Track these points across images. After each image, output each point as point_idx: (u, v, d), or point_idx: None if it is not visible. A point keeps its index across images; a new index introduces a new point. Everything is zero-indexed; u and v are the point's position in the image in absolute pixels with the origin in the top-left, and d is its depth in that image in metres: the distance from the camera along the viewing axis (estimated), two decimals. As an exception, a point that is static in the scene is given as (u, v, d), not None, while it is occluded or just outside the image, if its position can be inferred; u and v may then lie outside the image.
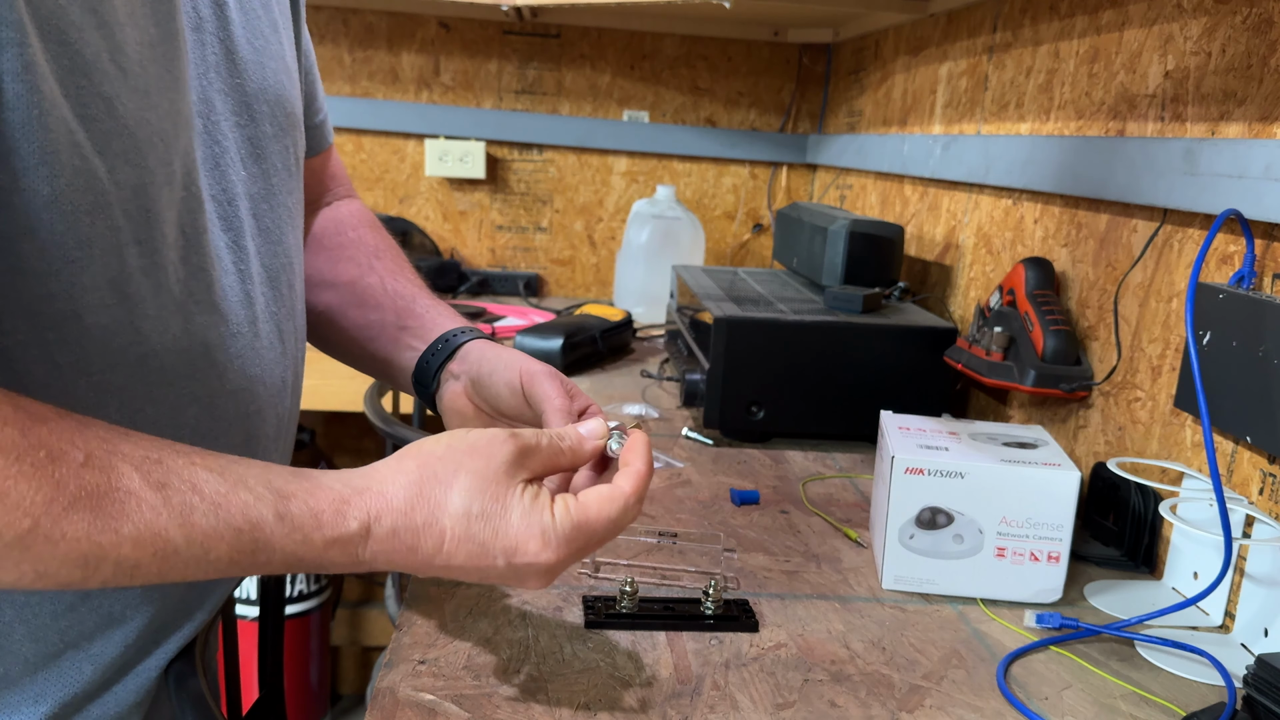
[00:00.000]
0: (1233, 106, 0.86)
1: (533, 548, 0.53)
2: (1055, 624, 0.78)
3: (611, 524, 0.56)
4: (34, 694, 0.58)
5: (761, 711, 0.64)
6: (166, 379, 0.58)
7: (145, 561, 0.46)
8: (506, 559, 0.53)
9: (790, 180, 2.23)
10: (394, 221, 2.12)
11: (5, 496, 0.42)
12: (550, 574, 0.55)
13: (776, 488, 1.06)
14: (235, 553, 0.48)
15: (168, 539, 0.46)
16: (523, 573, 0.54)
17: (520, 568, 0.53)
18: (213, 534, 0.47)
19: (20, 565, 0.43)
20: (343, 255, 0.86)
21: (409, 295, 0.83)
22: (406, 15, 2.07)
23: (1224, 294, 0.80)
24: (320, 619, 2.05)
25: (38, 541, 0.43)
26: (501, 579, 0.55)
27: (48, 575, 0.44)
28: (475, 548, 0.53)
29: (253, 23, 0.67)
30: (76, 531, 0.44)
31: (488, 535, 0.53)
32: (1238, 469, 0.82)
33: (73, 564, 0.44)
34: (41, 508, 0.43)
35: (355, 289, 0.84)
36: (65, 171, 0.49)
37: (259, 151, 0.67)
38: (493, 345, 0.78)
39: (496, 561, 0.53)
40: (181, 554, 0.47)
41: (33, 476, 0.43)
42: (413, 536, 0.52)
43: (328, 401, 1.68)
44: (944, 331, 1.21)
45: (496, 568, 0.53)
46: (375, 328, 0.83)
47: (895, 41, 1.76)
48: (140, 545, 0.45)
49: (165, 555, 0.46)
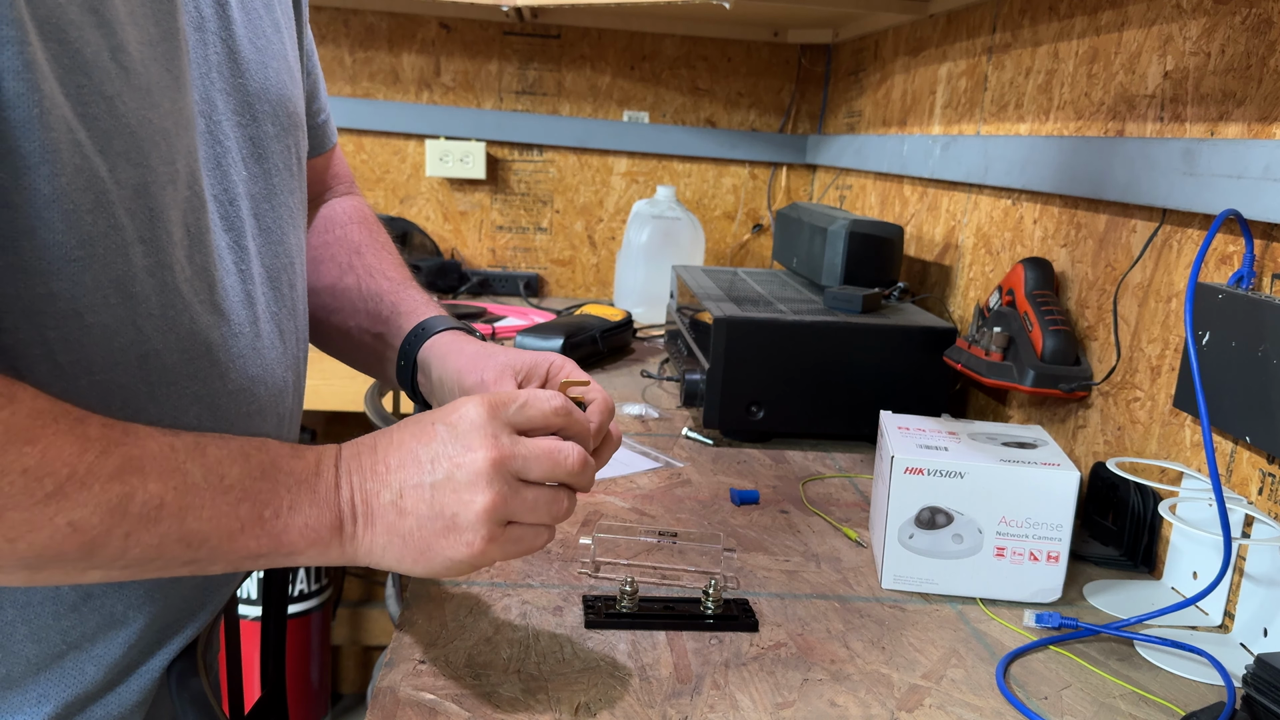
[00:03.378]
0: (1232, 107, 0.86)
1: (465, 407, 0.56)
2: (1054, 624, 0.78)
3: (535, 399, 0.58)
4: (36, 694, 0.58)
5: (761, 711, 0.64)
6: (168, 379, 0.58)
7: (169, 497, 0.49)
8: (441, 419, 0.56)
9: (790, 181, 2.23)
10: (395, 222, 2.12)
11: (48, 450, 0.46)
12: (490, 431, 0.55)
13: (776, 488, 1.06)
14: (246, 477, 0.52)
15: (186, 471, 0.50)
16: (458, 429, 0.55)
17: (454, 423, 0.56)
18: (224, 459, 0.52)
19: (56, 518, 0.46)
20: (325, 256, 0.86)
21: (378, 294, 0.83)
22: (407, 16, 2.07)
23: (1223, 294, 0.80)
24: (321, 618, 2.05)
25: (74, 487, 0.46)
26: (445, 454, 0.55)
27: (80, 525, 0.47)
28: (417, 427, 0.57)
29: (255, 22, 0.67)
30: (107, 471, 0.47)
31: (428, 416, 0.57)
32: (1237, 469, 0.82)
33: (104, 509, 0.47)
34: (77, 456, 0.46)
35: (334, 293, 0.84)
36: (66, 170, 0.49)
37: (260, 151, 0.67)
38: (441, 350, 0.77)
39: (434, 427, 0.56)
40: (199, 486, 0.50)
41: (69, 434, 0.47)
42: (372, 440, 0.57)
43: (328, 401, 1.68)
44: (943, 332, 1.21)
45: (435, 434, 0.56)
46: (355, 334, 0.83)
47: (895, 42, 1.76)
48: (163, 479, 0.49)
49: (185, 489, 0.50)
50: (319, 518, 0.54)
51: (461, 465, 0.55)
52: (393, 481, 0.55)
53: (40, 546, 0.46)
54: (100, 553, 0.48)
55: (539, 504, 0.57)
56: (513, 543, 0.57)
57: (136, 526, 0.48)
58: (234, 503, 0.52)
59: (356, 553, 0.56)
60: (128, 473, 0.48)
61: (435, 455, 0.55)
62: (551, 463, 0.57)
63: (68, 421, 0.47)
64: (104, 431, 0.48)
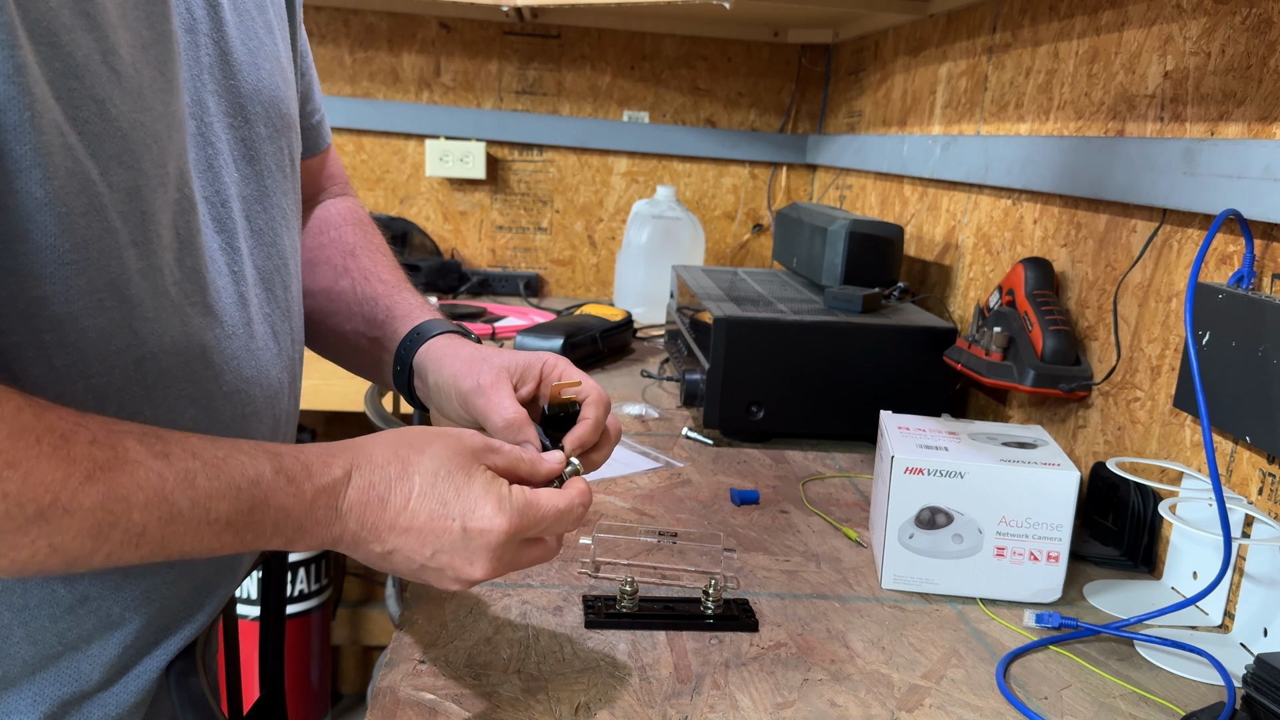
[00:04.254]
0: (1232, 107, 0.86)
1: (488, 511, 0.57)
2: (1055, 623, 0.78)
3: (559, 514, 0.60)
4: (32, 695, 0.58)
5: (761, 711, 0.64)
6: (164, 381, 0.58)
7: (152, 527, 0.49)
8: (463, 521, 0.56)
9: (790, 180, 2.23)
10: (395, 222, 2.12)
11: (29, 475, 0.45)
12: (498, 553, 0.57)
13: (776, 488, 1.06)
14: (234, 512, 0.52)
15: (173, 503, 0.49)
16: (474, 542, 0.57)
17: (473, 534, 0.57)
18: (214, 494, 0.51)
19: (37, 540, 0.46)
20: (320, 258, 0.85)
21: (373, 297, 0.83)
22: (407, 16, 2.07)
23: (1223, 294, 0.80)
24: (321, 618, 2.05)
25: (56, 514, 0.46)
26: (450, 553, 0.57)
27: (61, 548, 0.47)
28: (437, 505, 0.57)
29: (247, 24, 0.67)
30: (91, 502, 0.46)
31: (450, 494, 0.57)
32: (1237, 469, 0.82)
33: (86, 534, 0.47)
34: (60, 483, 0.46)
35: (330, 296, 0.84)
36: (59, 174, 0.49)
37: (252, 153, 0.67)
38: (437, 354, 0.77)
39: (454, 524, 0.56)
40: (185, 517, 0.50)
41: (51, 456, 0.46)
42: (386, 488, 0.56)
43: (328, 401, 1.68)
44: (943, 332, 1.21)
45: (451, 531, 0.56)
46: (350, 337, 0.83)
47: (895, 42, 1.76)
48: (148, 510, 0.48)
49: (170, 519, 0.49)
50: (304, 545, 0.56)
51: (457, 571, 0.58)
52: (389, 541, 0.57)
53: (21, 563, 0.47)
54: (81, 566, 0.49)
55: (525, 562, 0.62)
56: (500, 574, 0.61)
57: (119, 549, 0.49)
58: (218, 533, 0.52)
59: None
60: (112, 501, 0.47)
61: (439, 549, 0.57)
62: (538, 559, 0.62)
63: (51, 442, 0.46)
64: (90, 453, 0.47)
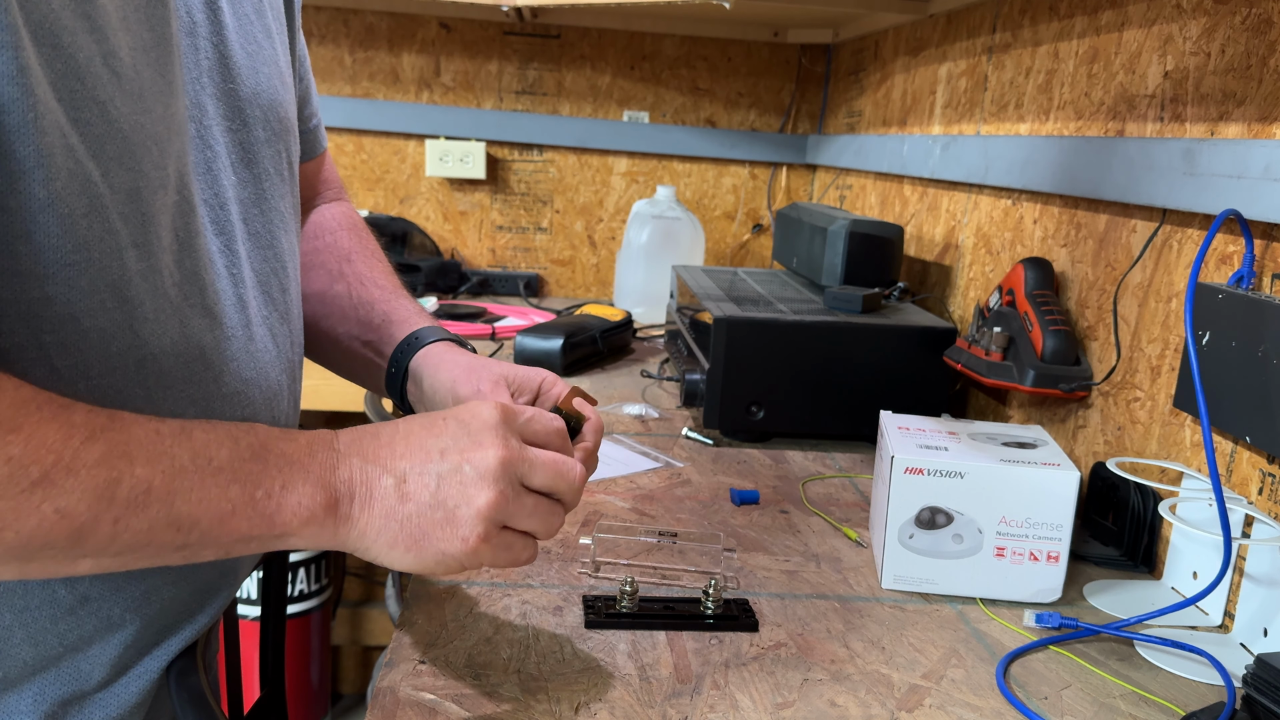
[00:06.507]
0: (1232, 107, 0.86)
1: (475, 403, 0.58)
2: (1055, 624, 0.78)
3: (549, 434, 0.61)
4: (33, 695, 0.58)
5: (761, 711, 0.64)
6: (164, 382, 0.58)
7: (156, 481, 0.49)
8: (455, 415, 0.57)
9: (790, 180, 2.23)
10: (395, 222, 2.12)
11: (31, 438, 0.45)
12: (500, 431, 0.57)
13: (776, 488, 1.06)
14: (235, 459, 0.52)
15: (173, 455, 0.50)
16: (471, 426, 0.57)
17: (466, 419, 0.57)
18: (211, 442, 0.52)
19: (43, 506, 0.46)
20: (315, 263, 0.86)
21: (369, 302, 0.83)
22: (407, 16, 2.07)
23: (1223, 294, 0.80)
24: (321, 618, 2.05)
25: (60, 474, 0.46)
26: (454, 443, 0.57)
27: (67, 512, 0.47)
28: (427, 420, 0.58)
29: (246, 28, 0.67)
30: (93, 458, 0.47)
31: (437, 413, 0.59)
32: (1237, 469, 0.82)
33: (91, 494, 0.47)
34: (61, 443, 0.46)
35: (324, 300, 0.84)
36: (60, 175, 0.49)
37: (250, 156, 0.67)
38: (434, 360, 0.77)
39: (447, 421, 0.57)
40: (188, 470, 0.50)
41: (52, 420, 0.47)
42: (374, 429, 0.58)
43: (328, 402, 1.68)
44: (943, 332, 1.21)
45: (447, 428, 0.57)
46: (345, 341, 0.83)
47: (895, 42, 1.76)
48: (151, 462, 0.49)
49: (173, 473, 0.50)
50: (313, 497, 0.54)
51: (471, 460, 0.56)
52: (397, 467, 0.56)
53: (28, 535, 0.46)
54: (89, 540, 0.48)
55: (536, 511, 0.58)
56: (504, 548, 0.58)
57: (125, 512, 0.48)
58: (224, 484, 0.51)
59: (349, 535, 0.55)
60: (114, 458, 0.48)
61: (445, 447, 0.56)
62: (555, 472, 0.59)
63: (52, 409, 0.47)
64: (89, 418, 0.48)
